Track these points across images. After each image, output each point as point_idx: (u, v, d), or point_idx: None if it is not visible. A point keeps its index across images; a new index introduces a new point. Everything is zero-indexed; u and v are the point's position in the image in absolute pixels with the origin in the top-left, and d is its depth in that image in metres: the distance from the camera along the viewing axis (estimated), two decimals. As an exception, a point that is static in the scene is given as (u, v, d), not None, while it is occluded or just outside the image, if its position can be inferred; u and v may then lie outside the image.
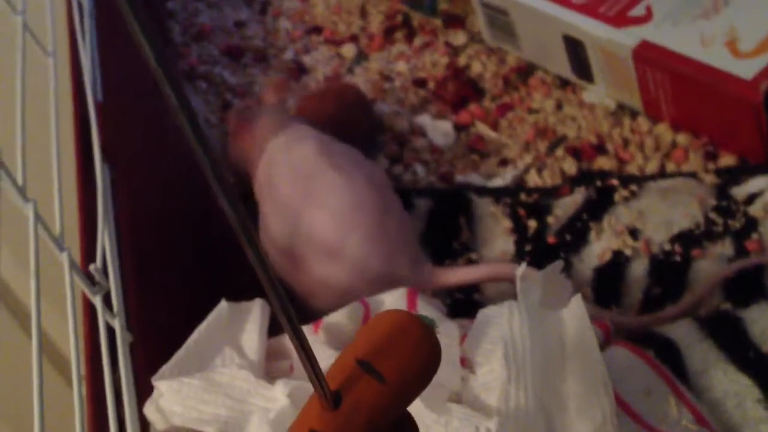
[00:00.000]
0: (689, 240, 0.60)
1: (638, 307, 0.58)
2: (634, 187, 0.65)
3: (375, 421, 0.29)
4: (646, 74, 0.67)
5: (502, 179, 0.71)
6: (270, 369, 0.50)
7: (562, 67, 0.76)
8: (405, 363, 0.29)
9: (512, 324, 0.43)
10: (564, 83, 0.78)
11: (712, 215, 0.61)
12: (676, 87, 0.66)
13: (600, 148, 0.71)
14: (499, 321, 0.47)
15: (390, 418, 0.29)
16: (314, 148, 0.60)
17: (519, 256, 0.64)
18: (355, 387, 0.29)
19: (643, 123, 0.71)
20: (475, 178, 0.73)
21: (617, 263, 0.60)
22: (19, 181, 0.45)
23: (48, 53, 0.57)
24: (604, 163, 0.69)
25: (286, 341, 0.51)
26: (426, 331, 0.30)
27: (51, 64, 0.57)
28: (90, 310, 0.49)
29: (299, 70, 0.87)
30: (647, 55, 0.67)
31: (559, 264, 0.48)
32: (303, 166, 0.60)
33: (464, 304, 0.62)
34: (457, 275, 0.60)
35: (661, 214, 0.63)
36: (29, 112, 0.50)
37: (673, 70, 0.65)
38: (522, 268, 0.46)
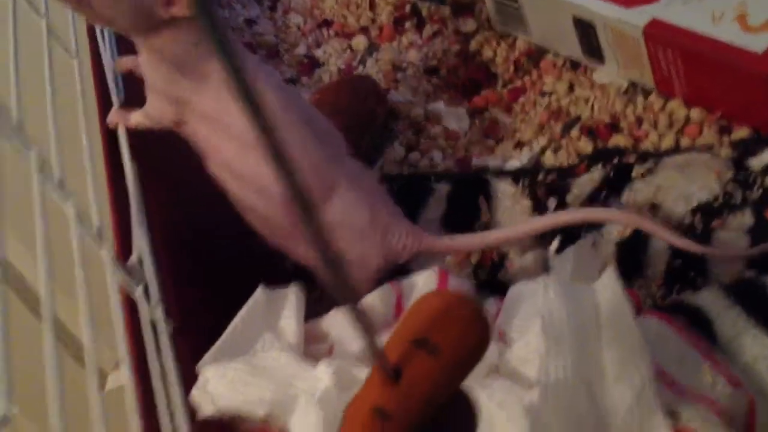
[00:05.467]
0: (709, 212, 0.61)
1: (661, 279, 0.59)
2: (650, 163, 0.66)
3: (434, 395, 0.29)
4: (658, 52, 0.68)
5: (519, 161, 0.72)
6: (308, 352, 0.51)
7: (573, 49, 0.77)
8: (458, 339, 0.30)
9: (547, 297, 0.44)
10: (575, 65, 0.79)
11: (730, 187, 0.62)
12: (688, 64, 0.67)
13: (614, 127, 0.72)
14: (532, 296, 0.48)
15: (447, 392, 0.30)
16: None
17: (540, 235, 0.65)
18: (412, 363, 0.29)
19: (655, 101, 0.72)
20: (491, 161, 0.74)
21: (639, 237, 0.61)
22: (56, 178, 0.46)
23: (72, 55, 0.58)
24: (619, 141, 0.70)
25: (323, 325, 0.52)
26: (476, 307, 0.31)
27: (76, 65, 0.58)
28: (128, 304, 0.50)
29: (312, 64, 0.88)
30: (658, 34, 0.68)
31: (589, 239, 0.49)
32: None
33: (489, 284, 0.63)
34: (454, 243, 0.63)
35: (679, 188, 0.64)
36: (59, 113, 0.51)
37: (684, 47, 0.66)
38: (555, 244, 0.47)
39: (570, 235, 0.63)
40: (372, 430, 0.29)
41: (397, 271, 0.60)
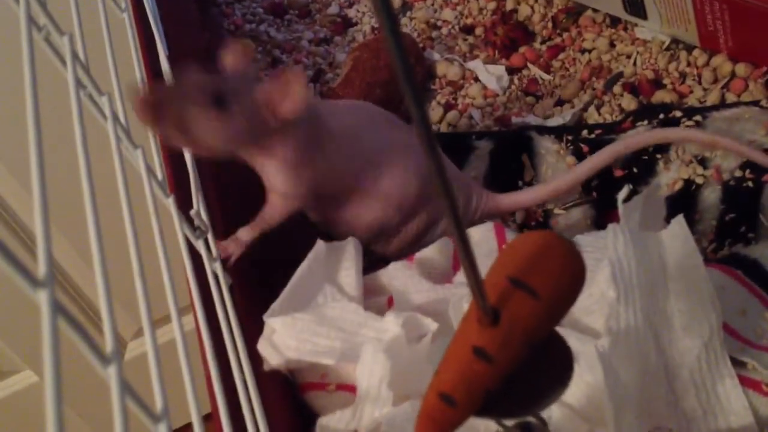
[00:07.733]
0: (759, 166, 0.61)
1: (713, 234, 0.59)
2: (698, 118, 0.65)
3: (532, 336, 0.29)
4: (704, 6, 0.68)
5: (562, 118, 0.72)
6: (366, 305, 0.51)
7: (613, 5, 0.76)
8: (555, 279, 0.29)
9: (617, 245, 0.44)
10: (615, 21, 0.78)
11: (780, 141, 0.62)
12: (735, 16, 0.67)
13: (657, 83, 0.72)
14: (591, 250, 0.48)
15: (544, 334, 0.30)
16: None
17: (586, 191, 0.65)
18: (510, 303, 0.29)
19: (699, 56, 0.72)
20: (532, 119, 0.74)
21: (689, 192, 0.61)
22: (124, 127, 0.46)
23: (122, 9, 0.58)
24: (663, 97, 0.70)
25: (382, 278, 0.52)
26: (572, 247, 0.30)
27: (126, 19, 0.57)
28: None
29: (345, 23, 0.88)
30: (705, -13, 0.67)
31: (656, 187, 0.49)
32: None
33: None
34: (519, 198, 0.63)
35: (727, 142, 0.63)
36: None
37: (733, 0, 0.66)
38: (624, 191, 0.47)
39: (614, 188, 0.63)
40: (474, 372, 0.28)
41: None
